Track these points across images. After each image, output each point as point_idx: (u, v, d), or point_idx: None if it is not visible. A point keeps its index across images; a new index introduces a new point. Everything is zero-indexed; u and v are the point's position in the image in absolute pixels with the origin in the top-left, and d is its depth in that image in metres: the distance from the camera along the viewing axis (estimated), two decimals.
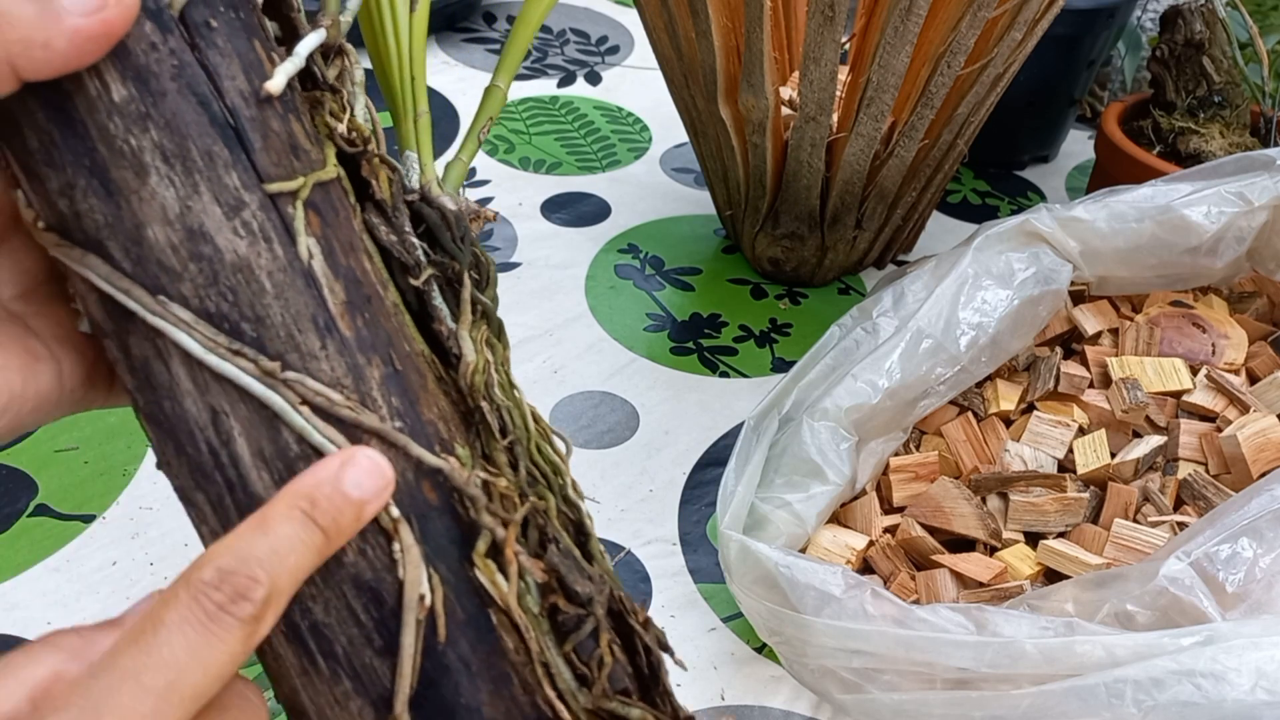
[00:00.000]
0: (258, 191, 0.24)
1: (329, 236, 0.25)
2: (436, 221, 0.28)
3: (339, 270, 0.25)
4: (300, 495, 0.23)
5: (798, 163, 0.68)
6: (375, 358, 0.25)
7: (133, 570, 0.53)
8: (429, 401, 0.27)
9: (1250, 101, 0.79)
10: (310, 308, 0.25)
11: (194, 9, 0.24)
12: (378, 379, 0.25)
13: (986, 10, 0.59)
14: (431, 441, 0.26)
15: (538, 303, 0.74)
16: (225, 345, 0.24)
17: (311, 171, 0.25)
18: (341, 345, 0.25)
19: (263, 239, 0.24)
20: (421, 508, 0.26)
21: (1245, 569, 0.42)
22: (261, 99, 0.24)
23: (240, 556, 0.22)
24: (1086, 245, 0.58)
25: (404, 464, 0.25)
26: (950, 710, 0.42)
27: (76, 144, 0.23)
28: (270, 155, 0.25)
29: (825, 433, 0.52)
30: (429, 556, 0.25)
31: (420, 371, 0.27)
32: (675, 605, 0.54)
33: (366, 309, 0.26)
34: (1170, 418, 0.57)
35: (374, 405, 0.25)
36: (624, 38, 1.12)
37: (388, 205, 0.27)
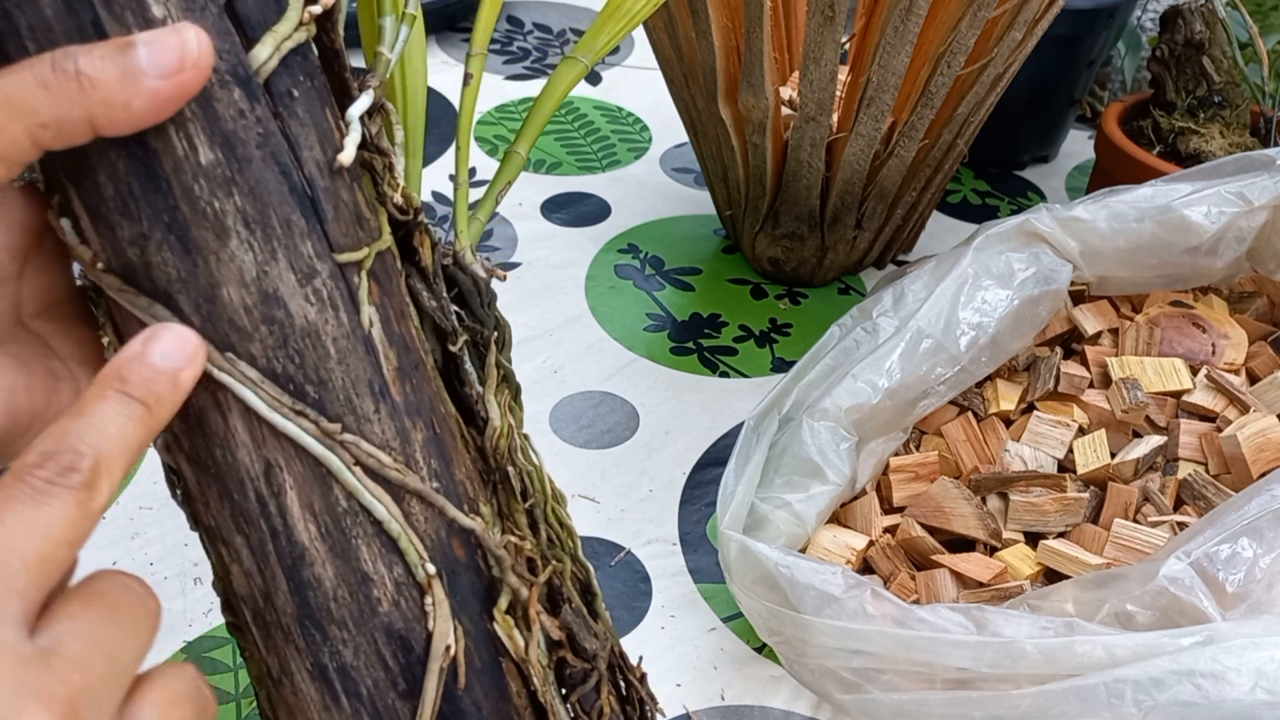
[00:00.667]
0: (329, 261, 0.25)
1: (386, 305, 0.27)
2: (469, 288, 0.30)
3: (393, 338, 0.27)
4: (110, 376, 0.23)
5: (798, 163, 0.68)
6: (420, 421, 0.27)
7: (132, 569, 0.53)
8: (459, 462, 0.28)
9: (1250, 101, 0.79)
10: (368, 373, 0.26)
11: (279, 79, 0.25)
12: (420, 441, 0.27)
13: (986, 10, 0.59)
14: (461, 501, 0.27)
15: (538, 303, 0.74)
16: (289, 405, 0.25)
17: (373, 241, 0.26)
18: (393, 410, 0.26)
19: (330, 306, 0.25)
20: (451, 563, 0.27)
21: (1245, 569, 0.42)
22: (334, 170, 0.25)
23: (60, 437, 0.22)
24: (1086, 245, 0.58)
25: (439, 522, 0.27)
26: (950, 710, 0.42)
27: (158, 199, 0.24)
28: (340, 225, 0.25)
29: (825, 433, 0.51)
30: (454, 609, 0.27)
31: (452, 433, 0.28)
32: (675, 605, 0.54)
33: (414, 375, 0.27)
34: (1170, 418, 0.57)
35: (416, 466, 0.26)
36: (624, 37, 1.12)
37: (430, 272, 0.28)
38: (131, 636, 0.23)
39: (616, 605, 0.54)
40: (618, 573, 0.56)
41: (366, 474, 0.26)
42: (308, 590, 0.26)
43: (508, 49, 1.07)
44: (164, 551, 0.54)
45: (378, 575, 0.26)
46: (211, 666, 0.49)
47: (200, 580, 0.53)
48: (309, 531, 0.26)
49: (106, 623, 0.23)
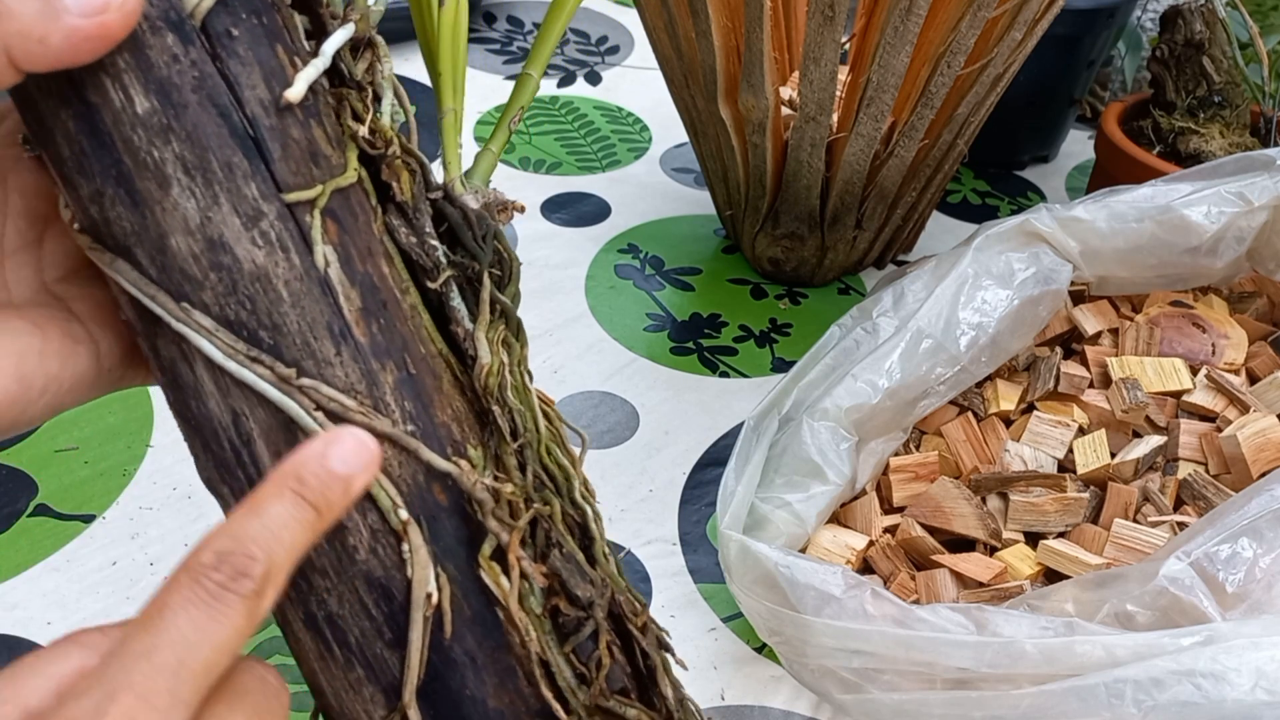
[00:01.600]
0: (276, 201, 0.25)
1: (346, 243, 0.26)
2: (458, 221, 0.29)
3: (355, 277, 0.26)
4: (289, 475, 0.23)
5: (798, 163, 0.68)
6: (389, 363, 0.26)
7: (132, 570, 0.53)
8: (443, 403, 0.27)
9: (1250, 101, 0.79)
10: (326, 315, 0.25)
11: (216, 19, 0.24)
12: (391, 384, 0.26)
13: (986, 10, 0.59)
14: (444, 444, 0.27)
15: (538, 303, 0.74)
16: (244, 352, 0.24)
17: (331, 178, 0.25)
18: (356, 351, 0.26)
19: (280, 248, 0.25)
20: (432, 509, 0.26)
21: (1245, 569, 0.42)
22: (282, 107, 0.25)
23: (236, 538, 0.22)
24: (1086, 245, 0.58)
25: (415, 467, 0.26)
26: (950, 710, 0.42)
27: (104, 154, 0.24)
28: (289, 164, 0.25)
29: (825, 433, 0.52)
30: (437, 556, 0.26)
31: (436, 373, 0.27)
32: (675, 605, 0.54)
33: (382, 314, 0.26)
34: (1170, 418, 0.57)
35: (387, 410, 0.26)
36: (624, 38, 1.12)
37: (409, 206, 0.27)
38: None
39: None
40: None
41: (329, 418, 0.25)
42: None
43: (508, 49, 1.07)
44: (164, 551, 0.54)
45: (352, 523, 0.26)
46: None
47: None
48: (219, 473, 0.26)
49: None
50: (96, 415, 0.61)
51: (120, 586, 0.52)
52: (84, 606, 0.51)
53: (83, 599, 0.52)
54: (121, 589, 0.52)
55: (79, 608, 0.51)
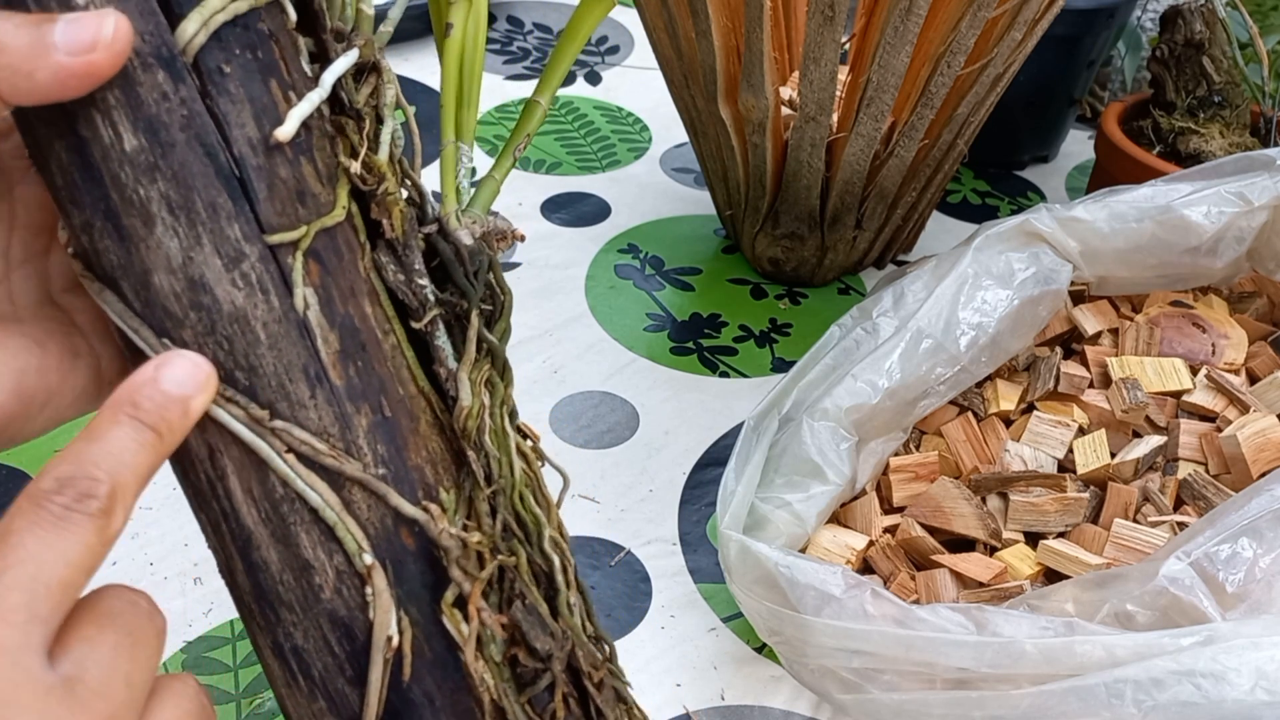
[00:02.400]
0: (258, 243, 0.25)
1: (328, 284, 0.26)
2: (450, 257, 0.28)
3: (335, 319, 0.26)
4: (124, 402, 0.23)
5: (798, 163, 0.68)
6: (365, 405, 0.26)
7: (132, 570, 0.53)
8: (418, 446, 0.27)
9: (1250, 101, 0.79)
10: (302, 358, 0.25)
11: (208, 55, 0.24)
12: (365, 427, 0.26)
13: (986, 10, 0.59)
14: (416, 488, 0.27)
15: (538, 303, 0.74)
16: (220, 392, 0.25)
17: (317, 218, 0.25)
18: (331, 394, 0.26)
19: (260, 290, 0.25)
20: (399, 553, 0.26)
21: (1245, 569, 0.42)
22: (271, 146, 0.25)
23: (77, 463, 0.22)
24: (1086, 245, 0.58)
25: (384, 511, 0.26)
26: (950, 710, 0.42)
27: (93, 188, 0.24)
28: (275, 204, 0.25)
29: (825, 433, 0.51)
30: (402, 599, 0.26)
31: (414, 415, 0.27)
32: (675, 605, 0.54)
33: (360, 356, 0.26)
34: (1170, 418, 0.57)
35: (359, 453, 0.26)
36: (624, 38, 1.12)
37: (398, 243, 0.27)
38: (145, 658, 0.24)
39: (617, 605, 0.54)
40: (618, 573, 0.56)
41: (300, 461, 0.25)
42: (259, 572, 0.26)
43: (507, 49, 1.07)
44: (164, 552, 0.54)
45: (318, 563, 0.26)
46: (211, 667, 0.49)
47: (200, 580, 0.53)
48: (252, 515, 0.26)
49: (123, 646, 0.23)
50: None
51: None
52: None
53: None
54: None
55: None
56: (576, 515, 0.59)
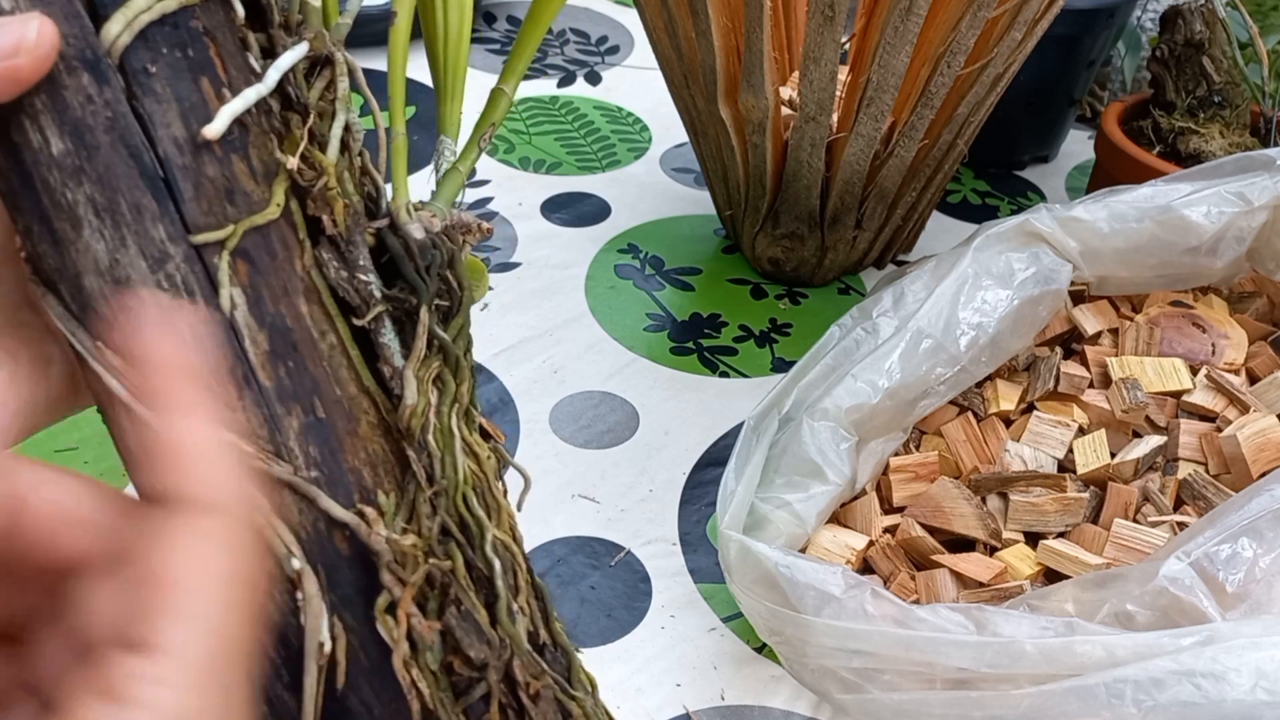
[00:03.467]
0: (183, 243, 0.24)
1: (258, 284, 0.25)
2: (399, 251, 0.28)
3: (264, 319, 0.25)
4: None
5: (798, 163, 0.68)
6: (296, 407, 0.26)
7: None
8: (356, 448, 0.27)
9: (1250, 101, 0.79)
10: (229, 360, 0.25)
11: (134, 55, 0.24)
12: (296, 429, 0.26)
13: (986, 10, 0.59)
14: (352, 491, 0.26)
15: (538, 303, 0.74)
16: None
17: (246, 216, 0.25)
18: (259, 396, 0.25)
19: (185, 292, 0.24)
20: (332, 557, 0.26)
21: (1245, 569, 0.42)
22: (199, 145, 0.24)
23: None
24: (1086, 245, 0.58)
25: (315, 515, 0.26)
26: (950, 710, 0.42)
27: (29, 193, 0.24)
28: (201, 204, 0.24)
29: (825, 433, 0.51)
30: (335, 605, 0.26)
31: (353, 416, 0.27)
32: (675, 605, 0.54)
33: (291, 357, 0.26)
34: (1170, 418, 0.57)
35: (289, 455, 0.25)
36: (624, 38, 1.12)
37: (341, 239, 0.27)
38: None
39: (616, 605, 0.54)
40: (618, 573, 0.56)
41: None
42: None
43: (507, 49, 1.07)
44: None
45: None
46: None
47: None
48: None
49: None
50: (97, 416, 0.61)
51: None
52: None
53: None
54: None
55: None
56: (576, 515, 0.59)
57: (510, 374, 0.68)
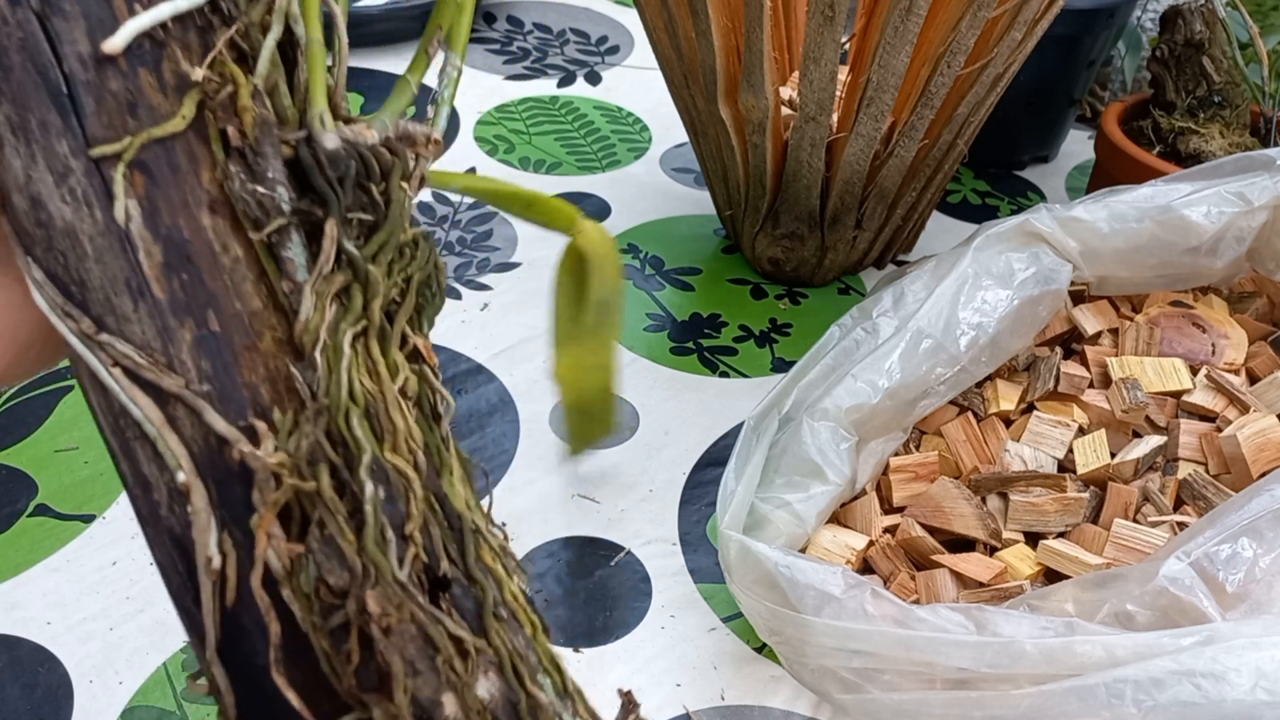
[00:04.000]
0: (83, 157, 0.25)
1: (154, 196, 0.26)
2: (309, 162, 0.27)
3: (160, 231, 0.26)
4: None
5: (798, 163, 0.68)
6: (189, 320, 0.26)
7: (132, 570, 0.53)
8: (255, 363, 0.26)
9: (1250, 101, 0.79)
10: (125, 271, 0.25)
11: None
12: (189, 341, 0.26)
13: (986, 10, 0.59)
14: (245, 406, 0.26)
15: (538, 303, 0.74)
16: (60, 305, 0.25)
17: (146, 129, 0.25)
18: (153, 308, 0.26)
19: (85, 204, 0.25)
20: (222, 473, 0.26)
21: (1245, 569, 0.42)
22: (101, 60, 0.25)
23: None
24: (1086, 245, 0.58)
25: (206, 429, 0.26)
26: (950, 710, 0.42)
27: None
28: (102, 118, 0.25)
29: (825, 433, 0.52)
30: (225, 521, 0.26)
31: (253, 331, 0.26)
32: (675, 605, 0.54)
33: (186, 269, 0.26)
34: (1170, 418, 0.57)
35: (181, 368, 0.26)
36: (624, 38, 1.12)
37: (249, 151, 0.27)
38: None
39: (617, 605, 0.54)
40: (618, 573, 0.56)
41: (126, 375, 0.25)
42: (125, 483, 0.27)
43: (507, 49, 1.07)
44: None
45: (153, 478, 0.26)
46: None
47: None
48: (105, 429, 0.26)
49: None
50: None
51: (120, 586, 0.52)
52: (84, 606, 0.51)
53: (83, 599, 0.52)
54: (121, 589, 0.52)
55: (79, 608, 0.51)
56: (576, 515, 0.59)
57: (510, 374, 0.68)
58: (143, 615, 0.51)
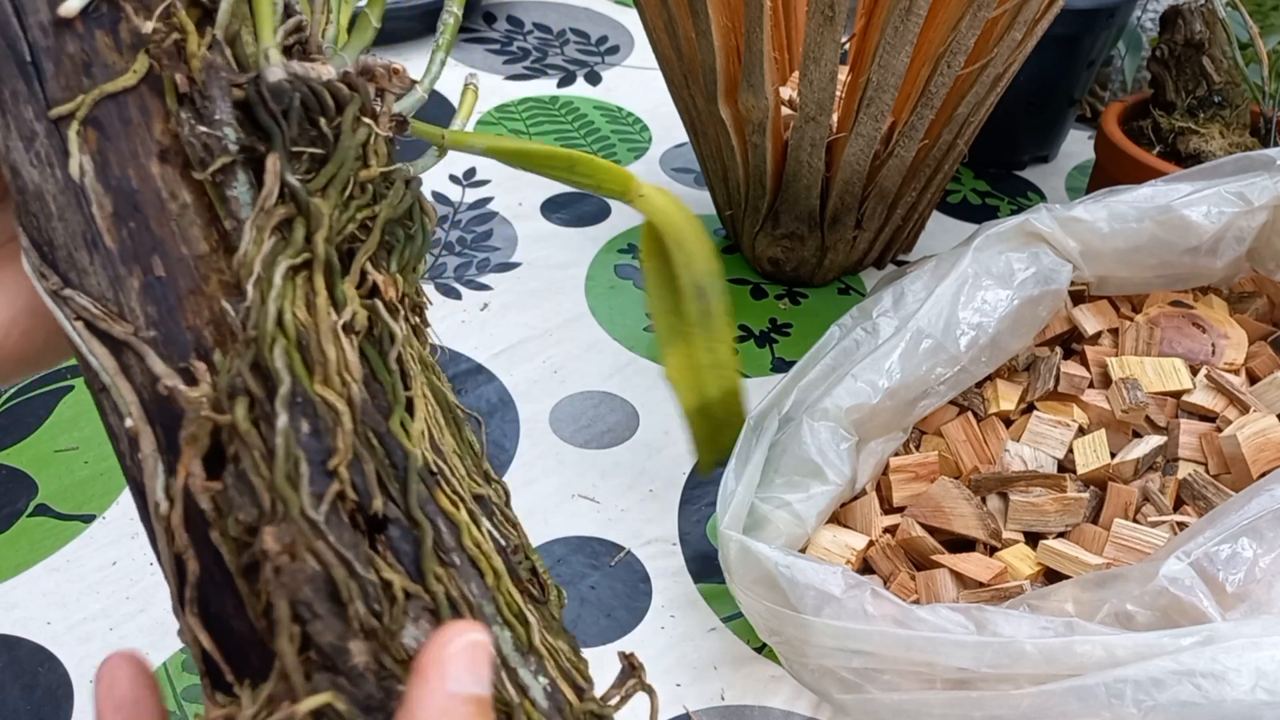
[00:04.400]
0: (44, 120, 0.26)
1: (105, 149, 0.26)
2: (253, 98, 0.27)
3: (110, 183, 0.26)
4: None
5: (798, 163, 0.68)
6: (136, 267, 0.26)
7: (132, 570, 0.53)
8: (199, 306, 0.26)
9: (1250, 101, 0.79)
10: (81, 225, 0.26)
11: None
12: (137, 288, 0.26)
13: (986, 10, 0.59)
14: (188, 349, 0.26)
15: (538, 303, 0.74)
16: (37, 266, 0.26)
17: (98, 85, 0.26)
18: (106, 258, 0.26)
19: (47, 165, 0.26)
20: (170, 417, 0.26)
21: (1245, 569, 0.42)
22: (59, 24, 0.26)
23: None
24: (1086, 245, 0.58)
25: (152, 374, 0.26)
26: (950, 710, 0.42)
27: None
28: (60, 80, 0.26)
29: (825, 433, 0.52)
30: (172, 465, 0.26)
31: (198, 274, 0.26)
32: (675, 605, 0.54)
33: (134, 218, 0.26)
34: (1170, 418, 0.57)
35: (131, 315, 0.26)
36: (624, 38, 1.12)
37: (197, 96, 0.27)
38: None
39: (617, 605, 0.54)
40: (618, 573, 0.56)
41: (86, 327, 0.26)
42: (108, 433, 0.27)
43: (507, 49, 1.07)
44: None
45: (117, 429, 0.26)
46: None
47: None
48: (89, 386, 0.27)
49: None
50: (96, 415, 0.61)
51: (120, 586, 0.52)
52: (84, 606, 0.51)
53: (83, 599, 0.52)
54: (121, 589, 0.52)
55: (79, 608, 0.51)
56: (576, 515, 0.59)
57: (510, 374, 0.68)
58: (143, 615, 0.51)
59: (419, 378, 0.28)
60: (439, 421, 0.28)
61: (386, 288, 0.27)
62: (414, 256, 0.29)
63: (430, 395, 0.28)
